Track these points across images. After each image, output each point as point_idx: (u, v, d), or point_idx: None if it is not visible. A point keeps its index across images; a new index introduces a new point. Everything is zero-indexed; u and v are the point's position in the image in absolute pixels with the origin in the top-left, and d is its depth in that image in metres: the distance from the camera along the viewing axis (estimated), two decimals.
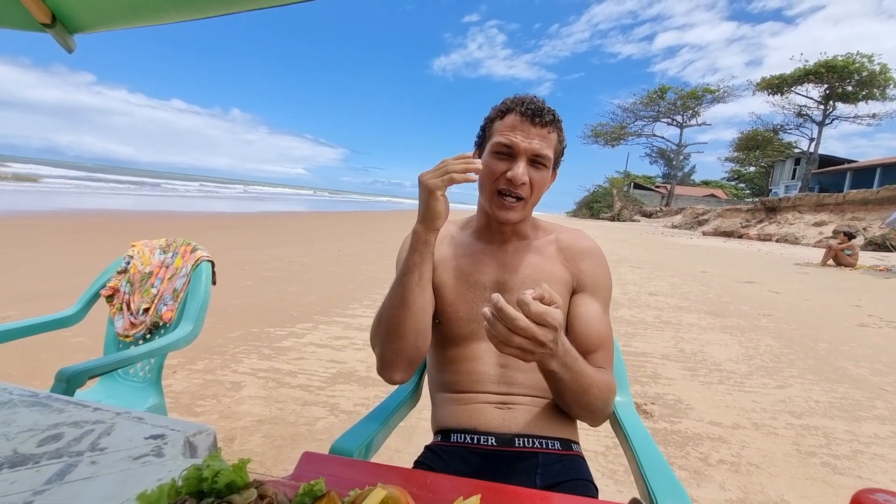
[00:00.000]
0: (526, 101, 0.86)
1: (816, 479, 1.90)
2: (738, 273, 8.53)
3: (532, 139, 0.84)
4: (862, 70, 27.79)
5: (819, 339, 4.11)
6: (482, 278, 0.92)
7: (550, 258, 0.94)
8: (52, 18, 0.92)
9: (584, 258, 0.94)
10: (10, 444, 0.56)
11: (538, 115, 0.84)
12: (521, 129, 0.84)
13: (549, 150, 0.86)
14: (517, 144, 0.84)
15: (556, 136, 0.88)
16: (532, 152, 0.84)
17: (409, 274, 0.82)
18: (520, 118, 0.85)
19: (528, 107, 0.85)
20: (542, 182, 0.87)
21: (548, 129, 0.85)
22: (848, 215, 17.68)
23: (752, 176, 45.79)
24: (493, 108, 0.91)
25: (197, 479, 0.44)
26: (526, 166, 0.84)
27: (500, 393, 0.88)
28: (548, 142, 0.86)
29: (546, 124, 0.85)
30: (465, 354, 0.91)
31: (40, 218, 9.60)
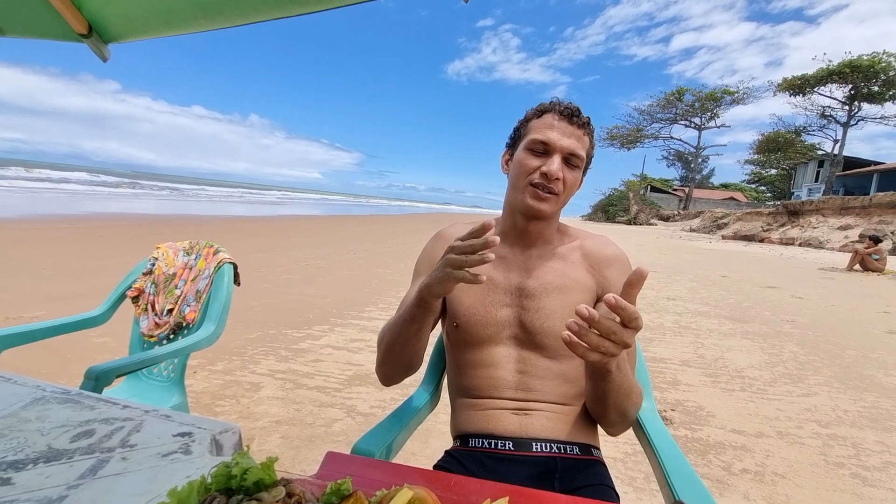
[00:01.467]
0: (563, 104, 0.90)
1: (846, 490, 1.84)
2: (760, 278, 8.34)
3: (568, 137, 0.87)
4: (889, 69, 27.02)
5: (846, 346, 3.98)
6: (503, 282, 0.92)
7: (575, 264, 0.93)
8: (88, 29, 0.95)
9: (609, 265, 0.93)
10: (44, 439, 0.58)
11: (576, 115, 0.88)
12: (558, 127, 0.87)
13: (583, 151, 0.89)
14: (554, 141, 0.86)
15: (589, 140, 0.91)
16: (567, 150, 0.87)
17: (410, 325, 0.81)
18: (557, 117, 0.88)
19: (566, 108, 0.89)
20: (573, 181, 0.90)
21: (583, 130, 0.89)
22: (875, 219, 17.13)
23: (774, 178, 44.79)
24: (530, 109, 0.94)
25: (226, 476, 0.45)
26: (561, 162, 0.87)
27: (518, 399, 0.88)
28: (582, 143, 0.89)
29: (581, 125, 0.89)
30: (484, 359, 0.91)
31: (66, 221, 9.90)
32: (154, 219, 12.59)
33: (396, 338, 0.84)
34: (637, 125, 44.81)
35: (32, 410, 0.64)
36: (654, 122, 44.61)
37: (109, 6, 0.94)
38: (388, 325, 0.89)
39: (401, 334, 0.83)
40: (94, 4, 0.93)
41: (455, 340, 0.95)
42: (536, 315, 0.88)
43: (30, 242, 6.67)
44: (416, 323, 0.81)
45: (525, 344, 0.90)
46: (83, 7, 0.94)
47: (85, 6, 0.94)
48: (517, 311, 0.90)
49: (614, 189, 43.29)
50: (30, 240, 6.89)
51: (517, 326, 0.90)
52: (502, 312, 0.91)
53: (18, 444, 0.56)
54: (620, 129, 45.14)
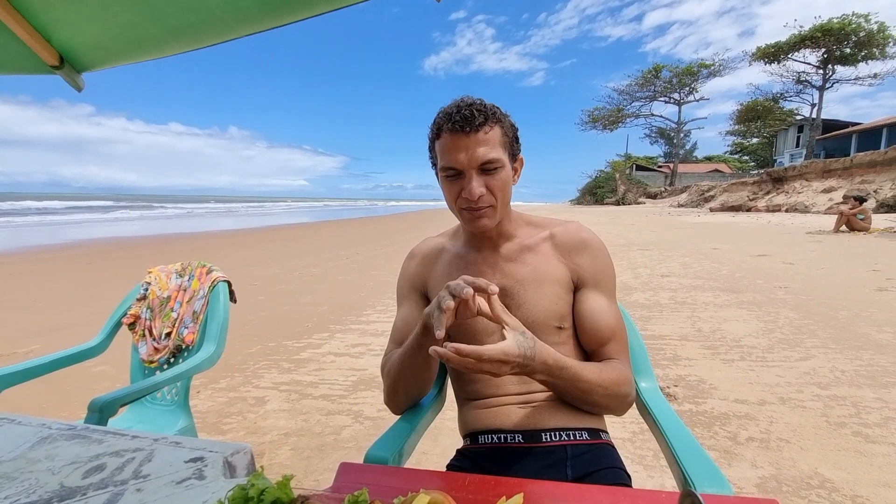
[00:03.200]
0: (452, 113, 0.81)
1: (849, 449, 1.88)
2: (750, 247, 8.44)
3: (471, 150, 0.81)
4: (859, 30, 27.35)
5: (838, 307, 4.06)
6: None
7: (546, 256, 0.92)
8: (60, 60, 0.94)
9: (580, 252, 0.92)
10: (56, 477, 0.58)
11: (467, 123, 0.80)
12: (456, 145, 0.81)
13: (494, 151, 0.82)
14: (460, 163, 0.82)
15: (499, 130, 0.84)
16: (478, 163, 0.81)
17: (417, 354, 0.80)
18: (451, 135, 0.82)
19: (455, 119, 0.81)
20: (502, 183, 0.85)
21: (483, 130, 0.81)
22: (857, 179, 17.41)
23: (756, 147, 45.28)
24: (430, 127, 0.87)
25: (243, 498, 0.45)
26: (478, 177, 0.82)
27: (522, 392, 0.89)
28: (490, 143, 0.82)
29: (479, 127, 0.81)
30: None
31: (51, 251, 9.75)
32: (141, 241, 12.44)
33: (405, 369, 0.84)
34: (617, 105, 44.94)
35: (40, 450, 0.64)
36: (634, 100, 44.78)
37: (79, 36, 0.92)
38: (392, 357, 0.88)
39: (410, 365, 0.83)
40: (63, 35, 0.92)
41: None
42: (519, 311, 0.88)
43: (16, 276, 6.56)
44: (423, 351, 0.78)
45: None
46: (53, 39, 0.93)
47: (55, 38, 0.92)
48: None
49: (600, 171, 43.52)
50: (16, 273, 6.78)
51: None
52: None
53: (30, 485, 0.56)
54: (601, 110, 45.25)
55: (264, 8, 0.87)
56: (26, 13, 0.90)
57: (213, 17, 0.88)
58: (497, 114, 0.85)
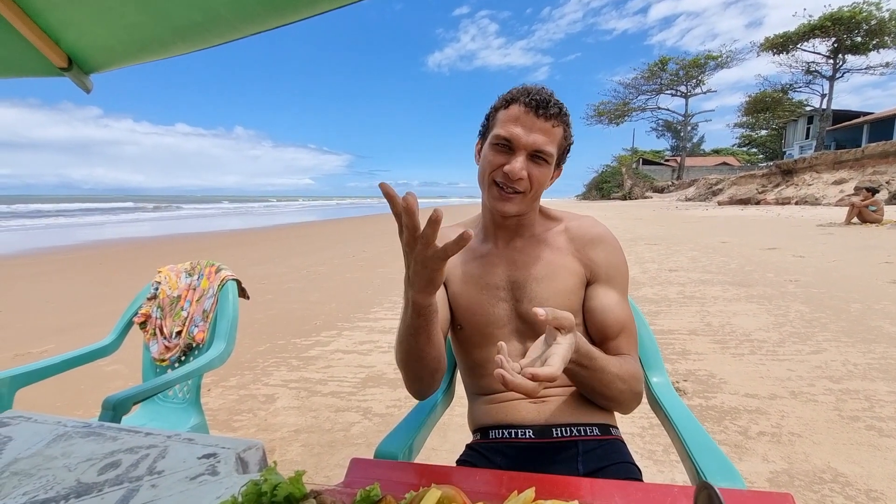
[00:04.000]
0: (532, 92, 0.82)
1: (862, 443, 1.86)
2: (759, 240, 8.36)
3: (533, 133, 0.81)
4: (870, 19, 26.83)
5: (850, 299, 4.00)
6: (494, 280, 0.91)
7: (561, 250, 0.91)
8: (68, 62, 0.95)
9: (594, 247, 0.91)
10: (72, 474, 0.58)
11: (543, 106, 0.80)
12: (523, 121, 0.81)
13: (552, 146, 0.82)
14: (517, 138, 0.81)
15: (562, 131, 0.84)
16: (533, 147, 0.81)
17: (416, 336, 0.75)
18: (524, 109, 0.81)
19: (534, 97, 0.81)
20: (542, 177, 0.84)
21: (552, 122, 0.82)
22: (869, 170, 17.13)
23: (765, 139, 44.71)
24: (500, 98, 0.87)
25: (256, 493, 0.45)
26: (525, 160, 0.82)
27: None
28: (551, 136, 0.82)
29: (551, 117, 0.81)
30: (492, 356, 0.86)
31: (62, 252, 9.88)
32: (150, 241, 12.56)
33: (410, 353, 0.80)
34: (623, 99, 44.58)
35: (57, 447, 0.65)
36: (640, 94, 44.41)
37: (87, 38, 0.93)
38: (397, 342, 0.84)
39: (412, 348, 0.79)
40: (71, 37, 0.93)
41: (461, 342, 0.96)
42: (531, 305, 0.87)
43: (29, 277, 6.66)
44: (421, 332, 0.75)
45: (528, 335, 0.89)
46: (61, 41, 0.94)
47: (63, 40, 0.93)
48: (513, 305, 0.90)
49: (606, 166, 43.27)
50: (29, 275, 6.88)
51: (517, 320, 0.90)
52: (499, 308, 0.90)
53: (48, 482, 0.57)
54: (607, 104, 44.92)
55: (268, 7, 0.87)
56: (35, 15, 0.91)
57: (218, 16, 0.89)
58: (567, 118, 0.85)
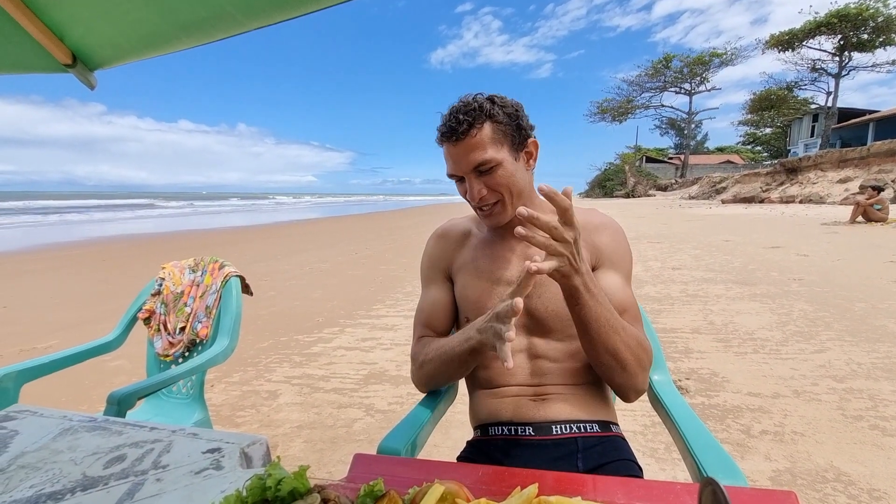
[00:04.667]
0: (444, 123, 0.86)
1: (866, 442, 1.86)
2: (763, 239, 8.32)
3: (461, 158, 0.85)
4: (877, 16, 26.56)
5: (855, 299, 3.99)
6: (504, 274, 0.93)
7: None
8: (72, 58, 0.96)
9: (599, 233, 0.93)
10: (78, 468, 0.59)
11: (453, 133, 0.84)
12: (450, 153, 0.87)
13: (485, 152, 0.84)
14: (455, 170, 0.88)
15: (489, 128, 0.84)
16: (470, 168, 0.85)
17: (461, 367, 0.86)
18: (445, 144, 0.87)
19: (444, 131, 0.85)
20: (503, 179, 0.86)
21: (469, 135, 0.83)
22: (874, 168, 17.00)
23: (769, 138, 44.45)
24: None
25: (261, 488, 0.46)
26: (475, 179, 0.86)
27: (534, 384, 0.89)
28: (478, 147, 0.84)
29: (465, 134, 0.83)
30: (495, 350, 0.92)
31: (67, 248, 9.93)
32: (153, 238, 12.61)
33: (442, 372, 0.89)
34: (627, 96, 44.31)
35: (63, 441, 0.66)
36: (644, 91, 44.11)
37: (91, 34, 0.94)
38: (428, 352, 0.91)
39: (449, 368, 0.87)
40: (76, 34, 0.93)
41: None
42: (539, 300, 0.89)
43: (34, 273, 6.70)
44: (466, 365, 0.86)
45: (534, 330, 0.91)
46: (66, 37, 0.94)
47: (67, 36, 0.94)
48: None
49: (609, 163, 43.03)
50: (34, 271, 6.92)
51: (524, 315, 0.91)
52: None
53: (54, 475, 0.57)
54: (610, 102, 44.65)
55: (272, 1, 0.87)
56: (39, 12, 0.91)
57: (222, 11, 0.89)
58: (486, 110, 0.84)
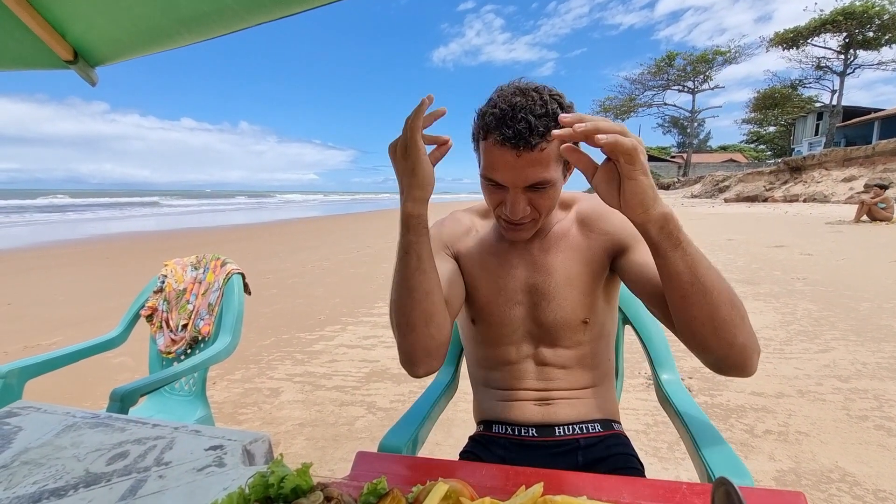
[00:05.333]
0: (506, 119, 0.69)
1: (871, 442, 1.85)
2: (767, 238, 8.28)
3: (520, 171, 0.71)
4: (883, 13, 26.37)
5: (860, 298, 3.96)
6: (512, 282, 0.87)
7: (575, 241, 0.86)
8: (74, 55, 0.95)
9: (607, 219, 0.84)
10: (81, 464, 0.59)
11: (522, 140, 0.68)
12: (507, 160, 0.71)
13: (548, 170, 0.72)
14: (506, 181, 0.74)
15: (556, 143, 0.70)
16: (524, 184, 0.73)
17: (406, 257, 0.70)
18: (500, 149, 0.71)
19: (507, 133, 0.69)
20: (551, 200, 0.77)
21: (539, 147, 0.69)
22: (879, 167, 16.90)
23: (773, 136, 44.24)
24: (479, 113, 0.75)
25: (263, 485, 0.45)
26: (523, 194, 0.75)
27: (540, 389, 0.87)
28: (543, 163, 0.71)
29: (536, 146, 0.69)
30: (502, 355, 0.89)
31: (71, 246, 9.97)
32: (155, 235, 12.65)
33: (402, 288, 0.72)
34: (629, 95, 44.14)
35: (66, 437, 0.66)
36: (647, 90, 43.91)
37: (93, 30, 0.93)
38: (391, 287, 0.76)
39: (403, 279, 0.71)
40: (77, 30, 0.93)
41: (472, 337, 0.95)
42: (549, 310, 0.85)
43: (39, 270, 6.73)
44: (412, 252, 0.70)
45: (542, 339, 0.87)
46: (67, 34, 0.94)
47: (69, 32, 0.93)
48: (530, 310, 0.87)
49: None
50: (39, 268, 6.95)
51: (532, 323, 0.87)
52: (515, 311, 0.87)
53: (57, 471, 0.57)
54: (613, 100, 44.47)
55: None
56: (41, 8, 0.91)
57: (224, 6, 0.88)
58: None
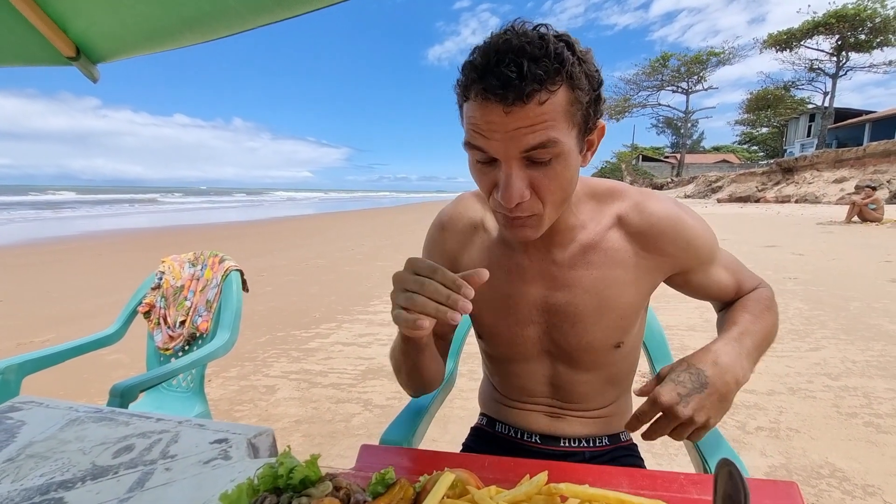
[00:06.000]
0: (492, 67, 0.51)
1: (860, 439, 1.88)
2: (759, 238, 8.37)
3: (510, 132, 0.52)
4: (875, 16, 26.70)
5: (850, 298, 4.02)
6: (526, 301, 0.73)
7: (615, 255, 0.69)
8: (76, 51, 0.95)
9: (671, 239, 0.69)
10: (87, 457, 0.59)
11: (511, 90, 0.50)
12: (489, 122, 0.53)
13: (548, 130, 0.53)
14: (492, 148, 0.55)
15: (564, 96, 0.53)
16: (518, 152, 0.54)
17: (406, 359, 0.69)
18: (484, 104, 0.53)
19: (491, 81, 0.51)
20: (559, 180, 0.57)
21: (536, 99, 0.51)
22: (870, 169, 17.12)
23: (765, 137, 44.63)
24: (461, 70, 0.56)
25: (272, 476, 0.46)
26: (520, 170, 0.55)
27: (551, 406, 0.81)
28: (543, 119, 0.52)
29: (532, 94, 0.50)
30: (514, 371, 0.81)
31: (63, 242, 9.87)
32: (149, 232, 12.55)
33: (402, 367, 0.72)
34: (624, 95, 44.41)
35: (70, 431, 0.66)
36: (641, 90, 44.21)
37: (95, 27, 0.93)
38: (392, 347, 0.75)
39: (405, 365, 0.71)
40: (80, 26, 0.93)
41: (483, 347, 0.86)
42: (572, 333, 0.72)
43: (30, 267, 6.66)
44: (410, 358, 0.68)
45: (559, 358, 0.76)
46: (69, 30, 0.93)
47: (71, 29, 0.93)
48: (546, 329, 0.74)
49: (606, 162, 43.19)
50: (30, 264, 6.88)
51: (549, 342, 0.75)
52: (529, 330, 0.75)
53: (63, 464, 0.58)
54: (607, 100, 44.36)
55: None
56: (43, 4, 0.91)
57: (227, 7, 0.88)
58: (567, 63, 0.51)
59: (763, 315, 0.69)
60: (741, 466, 0.62)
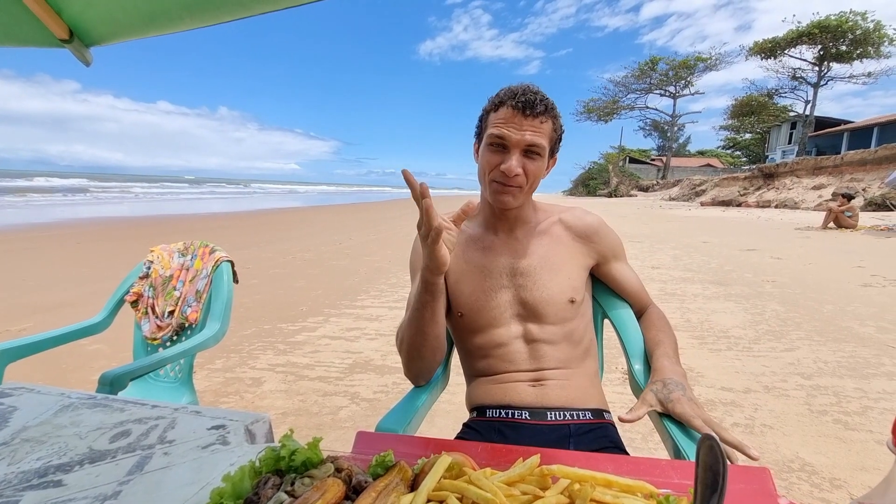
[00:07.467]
0: (518, 93, 0.88)
1: (829, 435, 1.96)
2: (739, 241, 8.57)
3: (524, 131, 0.87)
4: (856, 28, 27.43)
5: (824, 301, 4.16)
6: (497, 267, 0.97)
7: (560, 237, 1.00)
8: (69, 33, 0.94)
9: (596, 236, 1.02)
10: (84, 442, 0.60)
11: (529, 106, 0.86)
12: (512, 121, 0.87)
13: (543, 139, 0.89)
14: (509, 137, 0.87)
15: (551, 125, 0.91)
16: (524, 144, 0.88)
17: (422, 310, 0.87)
18: (511, 111, 0.88)
19: (520, 99, 0.87)
20: (536, 170, 0.91)
21: (540, 119, 0.88)
22: (846, 177, 17.62)
23: (748, 143, 45.54)
24: (489, 100, 0.93)
25: (274, 458, 0.48)
26: (520, 157, 0.88)
27: (532, 369, 0.94)
28: (541, 131, 0.88)
29: (538, 115, 0.87)
30: (493, 340, 0.96)
31: (40, 230, 9.60)
32: (129, 221, 12.28)
33: (416, 331, 0.89)
34: (613, 97, 44.80)
35: (64, 417, 0.66)
36: (630, 92, 44.65)
37: (90, 9, 0.92)
38: (402, 324, 0.94)
39: (418, 325, 0.88)
40: (74, 8, 0.91)
41: (462, 328, 1.00)
42: (534, 289, 0.95)
43: (5, 254, 6.47)
44: (427, 308, 0.86)
45: (528, 318, 0.96)
46: (63, 12, 0.92)
47: (65, 11, 0.92)
48: (515, 291, 0.96)
49: (594, 163, 43.52)
50: (5, 252, 6.68)
51: (518, 304, 0.96)
52: (501, 295, 0.96)
53: (59, 448, 0.58)
54: (596, 101, 45.07)
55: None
56: None
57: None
58: (555, 112, 0.91)
59: (670, 331, 1.01)
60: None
